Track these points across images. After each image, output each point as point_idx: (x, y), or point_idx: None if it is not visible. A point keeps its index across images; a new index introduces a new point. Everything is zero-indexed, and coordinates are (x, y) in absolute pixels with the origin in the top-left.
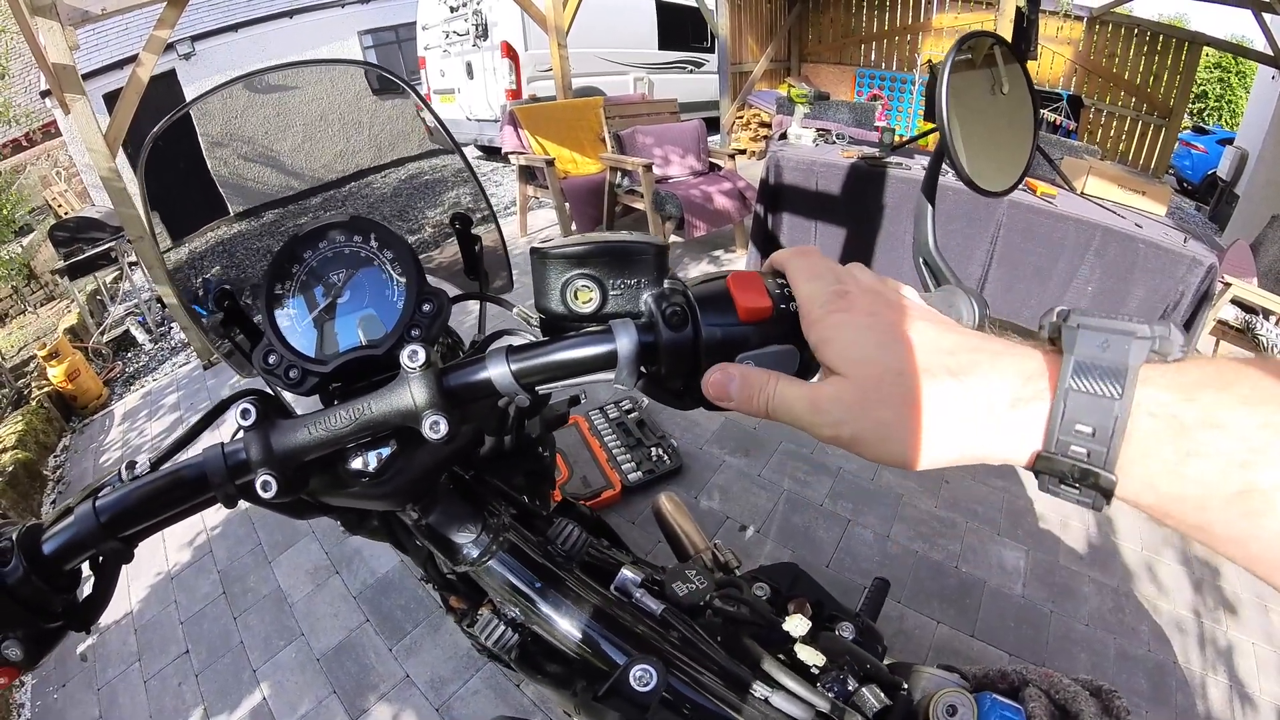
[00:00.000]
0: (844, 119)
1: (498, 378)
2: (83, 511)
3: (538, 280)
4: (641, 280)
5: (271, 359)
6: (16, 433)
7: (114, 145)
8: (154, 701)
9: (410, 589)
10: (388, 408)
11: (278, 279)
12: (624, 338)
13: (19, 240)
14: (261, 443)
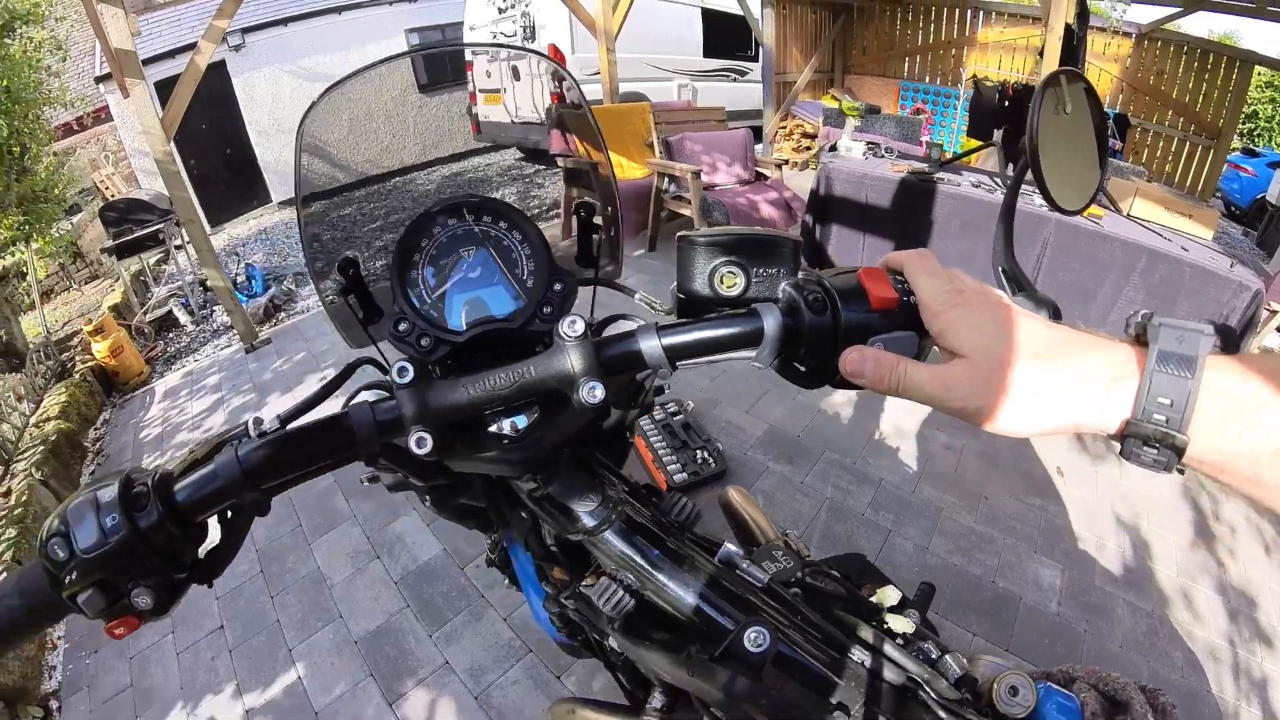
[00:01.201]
0: (890, 133)
1: (649, 351)
2: (225, 460)
3: (685, 264)
4: (780, 270)
5: (403, 326)
6: (60, 404)
7: (169, 129)
8: (185, 673)
9: (452, 578)
10: (547, 372)
11: (409, 250)
12: (769, 319)
13: (68, 219)
14: (418, 400)
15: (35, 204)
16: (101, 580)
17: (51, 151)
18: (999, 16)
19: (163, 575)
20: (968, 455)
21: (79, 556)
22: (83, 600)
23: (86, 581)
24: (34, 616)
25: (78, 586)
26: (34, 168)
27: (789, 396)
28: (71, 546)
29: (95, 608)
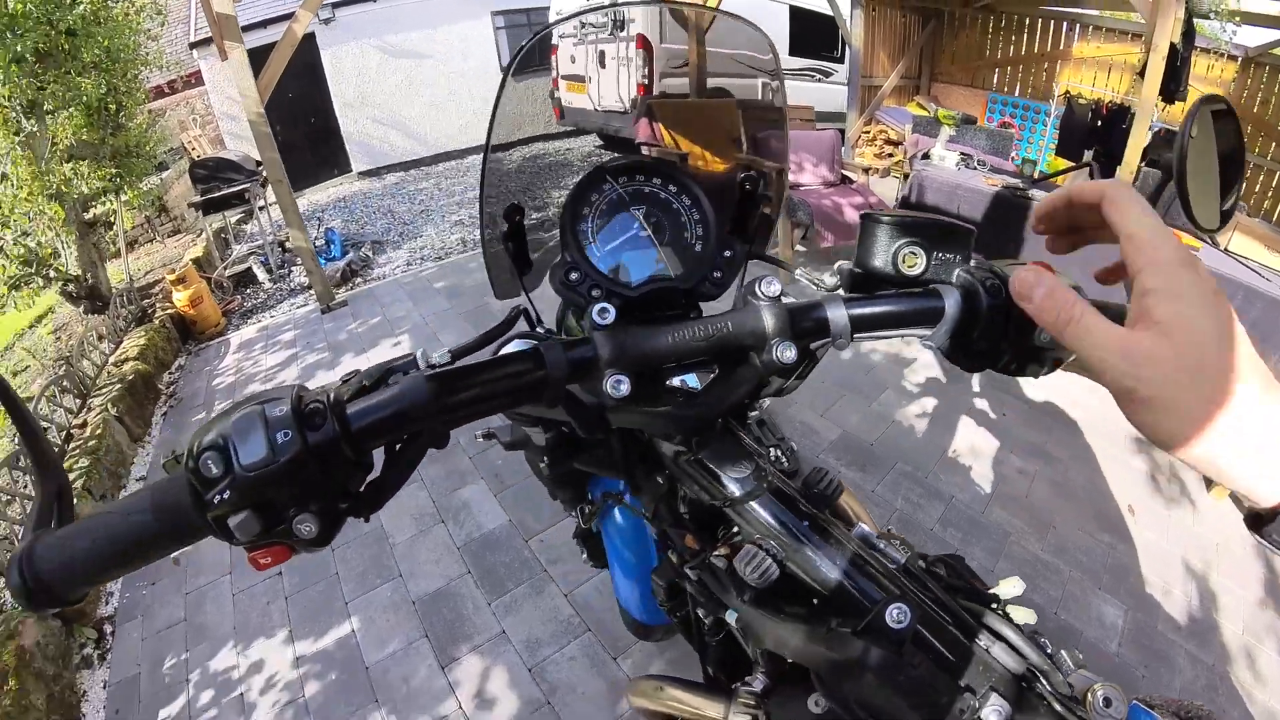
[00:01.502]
0: (981, 145)
1: (835, 320)
2: (413, 385)
3: (868, 242)
4: (956, 256)
5: (574, 276)
6: (138, 346)
7: (264, 93)
8: (239, 614)
9: (516, 549)
10: (742, 329)
11: (580, 203)
12: (950, 300)
13: (157, 175)
14: (616, 343)
15: (127, 158)
16: (260, 503)
17: (147, 109)
18: (1096, 31)
19: (328, 503)
20: (1040, 481)
21: (240, 473)
22: (235, 523)
23: (243, 502)
24: (164, 538)
25: (230, 508)
26: (128, 124)
27: (864, 403)
28: (230, 462)
29: (249, 532)
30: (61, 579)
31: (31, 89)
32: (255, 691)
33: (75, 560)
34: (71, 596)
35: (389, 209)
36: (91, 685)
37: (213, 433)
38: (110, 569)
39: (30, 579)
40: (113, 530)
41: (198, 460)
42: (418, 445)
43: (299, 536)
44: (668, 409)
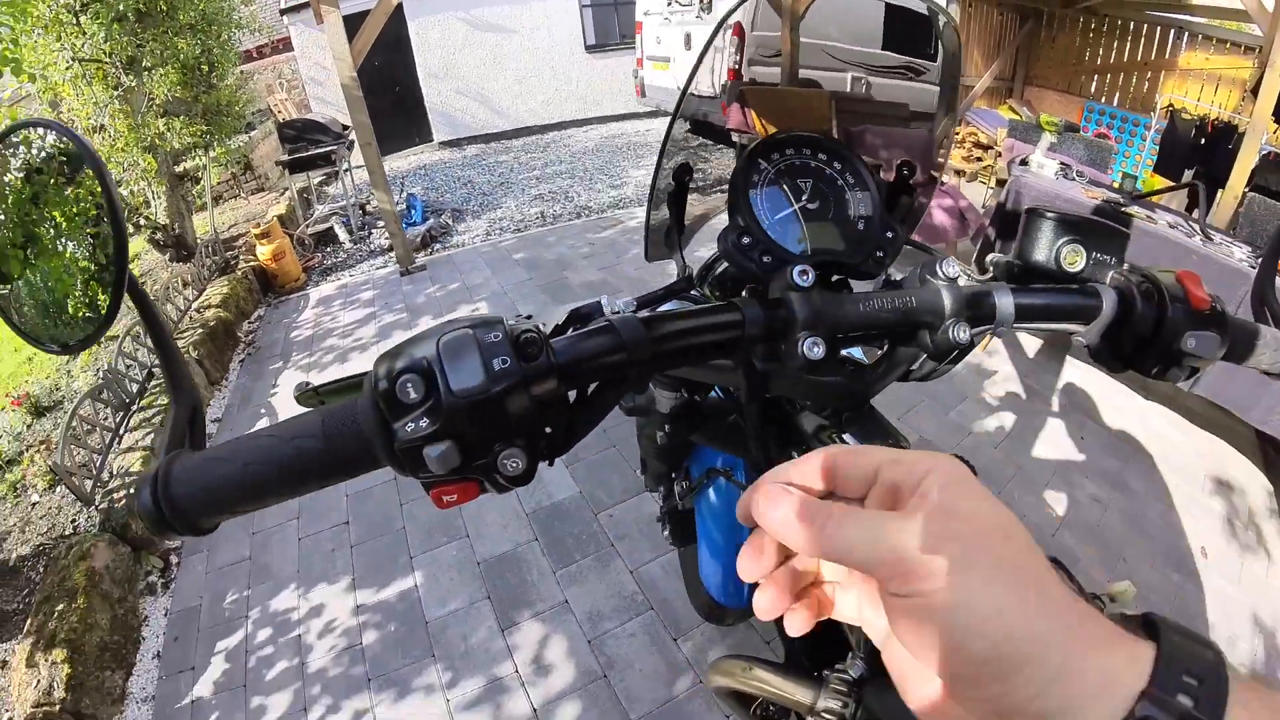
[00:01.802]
0: (1079, 155)
1: (1002, 307)
2: (628, 324)
3: (1032, 236)
4: (1112, 258)
5: (746, 240)
6: (221, 295)
7: (358, 57)
8: (304, 559)
9: (585, 521)
10: (924, 306)
11: (751, 170)
12: (1108, 299)
13: (245, 134)
14: (814, 307)
15: (217, 116)
16: (463, 433)
17: (238, 71)
18: (1205, 41)
19: (535, 439)
20: (1113, 512)
21: (448, 399)
22: (435, 454)
23: (446, 431)
24: (330, 466)
25: (427, 437)
26: (219, 84)
27: (942, 412)
28: (436, 387)
29: (448, 465)
30: (200, 504)
31: (131, 46)
32: (313, 634)
33: (220, 484)
34: (206, 524)
35: (469, 179)
36: (153, 612)
37: (412, 355)
38: (258, 497)
39: (165, 501)
40: (272, 454)
41: (393, 383)
42: (616, 389)
43: (503, 473)
44: (839, 379)
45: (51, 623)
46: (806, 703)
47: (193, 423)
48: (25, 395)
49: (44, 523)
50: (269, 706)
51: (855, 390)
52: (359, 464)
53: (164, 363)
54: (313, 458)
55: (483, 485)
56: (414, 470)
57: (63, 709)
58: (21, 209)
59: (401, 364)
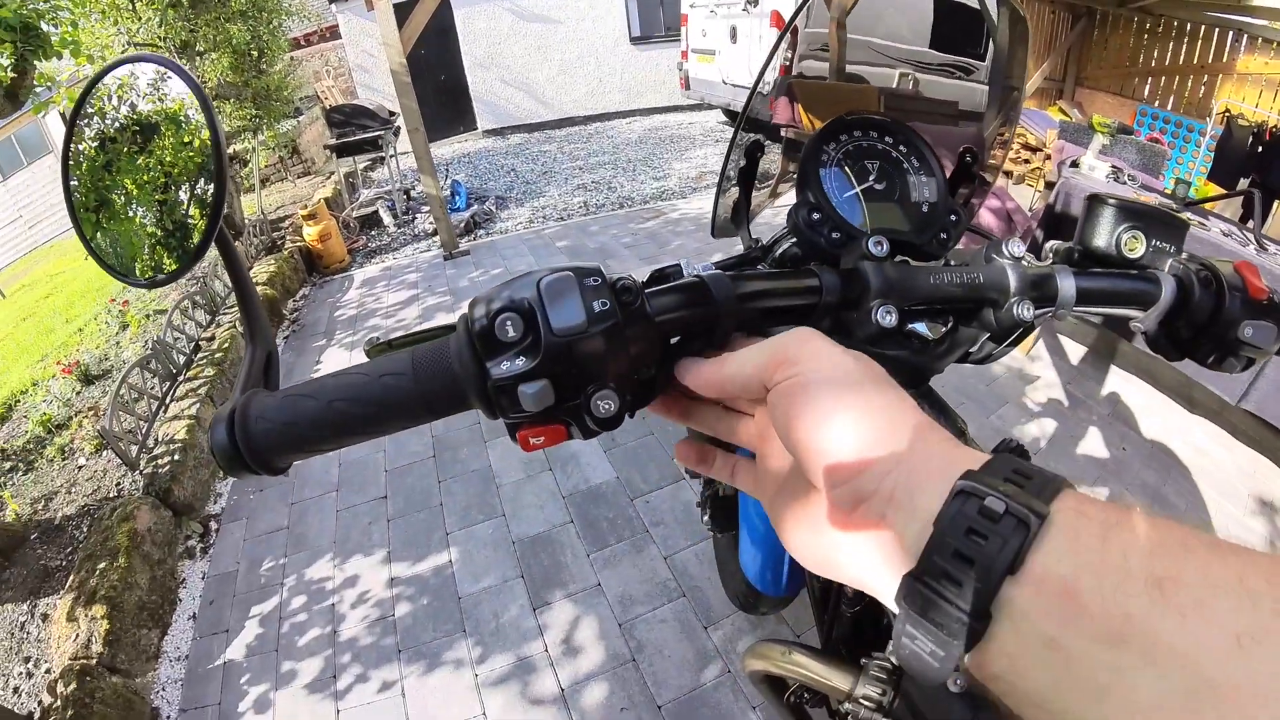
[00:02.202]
0: (1131, 160)
1: (1064, 289)
2: (715, 278)
3: (1092, 222)
4: (1171, 246)
5: (816, 216)
6: (267, 272)
7: (407, 44)
8: (341, 530)
9: (620, 506)
10: (990, 282)
11: (821, 148)
12: (1167, 286)
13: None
14: (887, 276)
15: (266, 101)
16: (560, 373)
17: (287, 57)
18: (1265, 44)
19: (623, 383)
20: None
21: (548, 337)
22: (531, 392)
23: (544, 370)
24: (417, 404)
25: (524, 375)
26: (269, 70)
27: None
28: (535, 326)
29: (542, 403)
30: (277, 441)
31: (185, 31)
32: (347, 604)
33: (303, 421)
34: (281, 462)
35: (512, 167)
36: (191, 575)
37: (512, 294)
38: (341, 435)
39: (241, 440)
40: (360, 391)
41: (492, 321)
42: (699, 343)
43: (595, 414)
44: (903, 353)
45: (93, 580)
46: (845, 689)
47: (268, 366)
48: (76, 363)
49: (89, 485)
50: (299, 671)
51: (920, 364)
52: (448, 403)
53: (242, 307)
54: (401, 396)
55: (569, 430)
56: (505, 410)
57: (99, 663)
58: (96, 175)
59: (500, 304)
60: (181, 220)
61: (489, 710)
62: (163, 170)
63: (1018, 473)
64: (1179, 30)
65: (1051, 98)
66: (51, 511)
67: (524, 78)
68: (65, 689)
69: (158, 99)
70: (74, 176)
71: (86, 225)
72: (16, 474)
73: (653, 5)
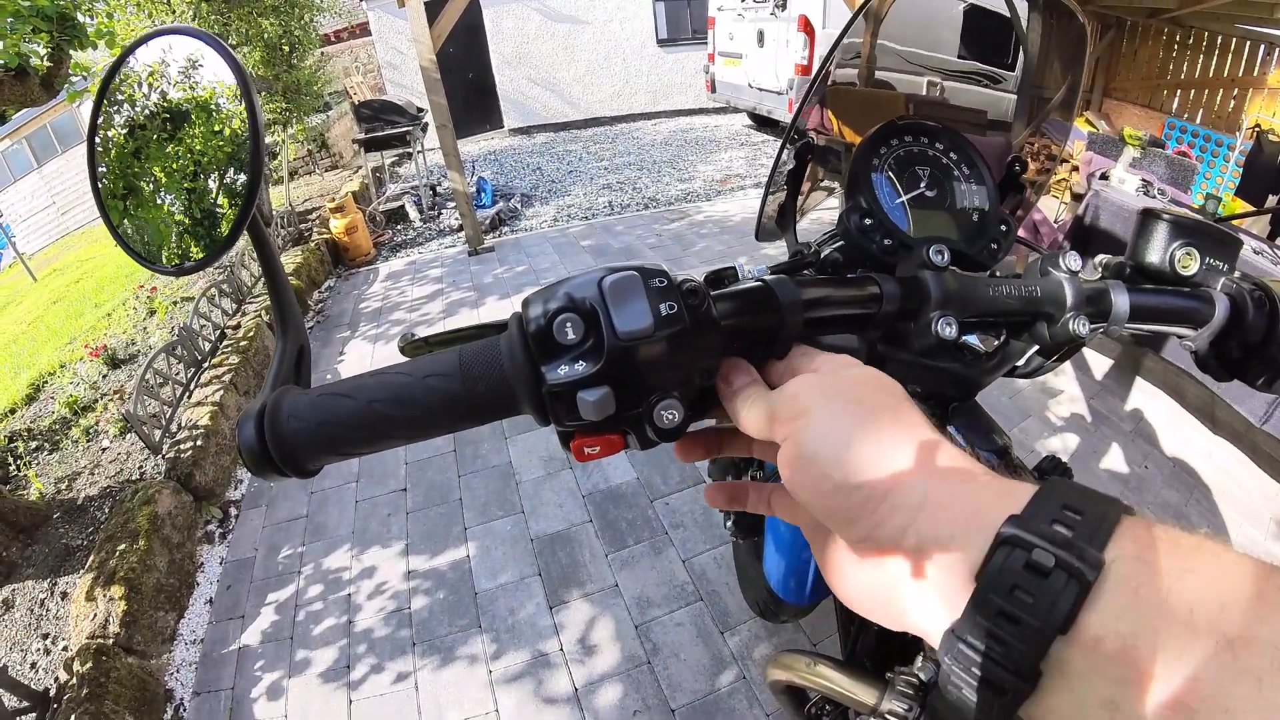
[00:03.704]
0: (1160, 173)
1: (1118, 304)
2: (780, 282)
3: (1146, 237)
4: (1225, 264)
5: (868, 221)
6: (294, 264)
7: (437, 41)
8: (360, 521)
9: (640, 507)
10: (1047, 296)
11: (873, 153)
12: (1221, 305)
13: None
14: (948, 286)
15: (296, 95)
16: (623, 379)
17: (318, 53)
18: None
19: (688, 391)
20: None
21: (611, 340)
22: (592, 399)
23: (605, 375)
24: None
25: (584, 380)
26: (300, 65)
27: (1006, 426)
28: (598, 328)
29: (602, 412)
30: (310, 442)
31: (218, 24)
32: (363, 595)
33: (339, 422)
34: (313, 464)
35: (538, 166)
36: (209, 560)
37: (571, 293)
38: (379, 438)
39: (271, 438)
40: (403, 391)
41: (550, 322)
42: (759, 351)
43: (657, 424)
44: (954, 365)
45: (112, 561)
46: (870, 703)
47: (299, 361)
48: (103, 347)
49: (113, 467)
50: (313, 660)
51: (969, 377)
52: (496, 408)
53: (274, 299)
54: (447, 398)
55: (626, 440)
56: (559, 417)
57: (116, 643)
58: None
59: (559, 303)
60: (210, 209)
61: (502, 707)
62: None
63: (1069, 509)
64: (1209, 43)
65: (1079, 109)
66: (75, 492)
67: (551, 77)
68: (81, 668)
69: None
70: (101, 163)
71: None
72: (42, 454)
73: (680, 8)
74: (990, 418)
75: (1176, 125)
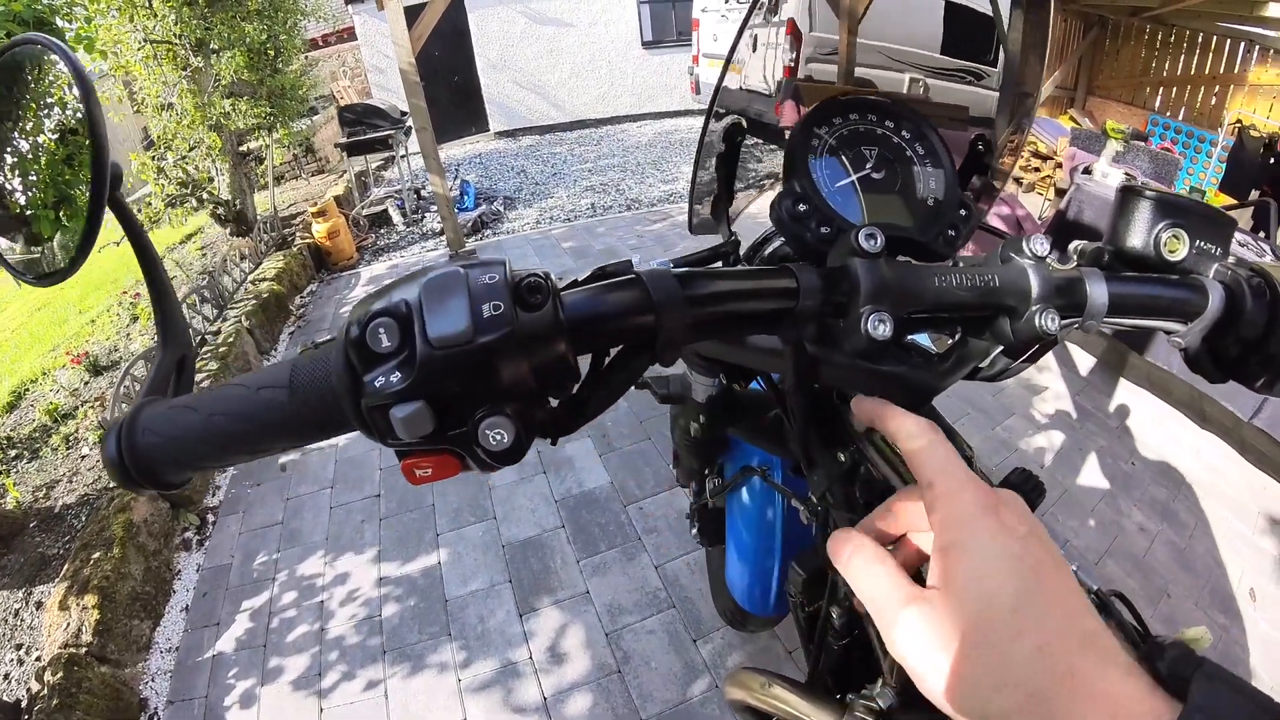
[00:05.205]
0: (1144, 168)
1: (1094, 296)
2: (658, 277)
3: (1127, 218)
4: (1216, 249)
5: (803, 207)
6: (276, 268)
7: (416, 43)
8: (334, 527)
9: (613, 512)
10: (1007, 286)
11: (810, 132)
12: (1214, 295)
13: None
14: (881, 277)
15: (281, 99)
16: (440, 393)
17: (303, 57)
18: (1277, 55)
19: (529, 405)
20: (1160, 543)
21: (424, 349)
22: (402, 416)
23: (420, 389)
24: (297, 424)
25: (398, 395)
26: (285, 69)
27: (989, 425)
28: (411, 334)
29: (417, 431)
30: (164, 457)
31: (200, 29)
32: (336, 601)
33: (184, 436)
34: (172, 479)
35: (522, 169)
36: (186, 566)
37: (392, 296)
38: (223, 453)
39: (128, 453)
40: (237, 405)
41: (365, 328)
42: (641, 358)
43: (484, 445)
44: (901, 369)
45: (86, 569)
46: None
47: (180, 371)
48: (85, 354)
49: (91, 474)
50: (286, 668)
51: (920, 383)
52: (327, 424)
53: (155, 302)
54: (278, 413)
55: (464, 461)
56: (381, 435)
57: (88, 652)
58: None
59: (378, 305)
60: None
61: (470, 716)
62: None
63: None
64: (1191, 41)
65: (1063, 106)
66: (52, 500)
67: (536, 80)
68: (53, 678)
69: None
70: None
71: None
72: (21, 461)
73: (664, 10)
74: (950, 426)
75: (1160, 122)
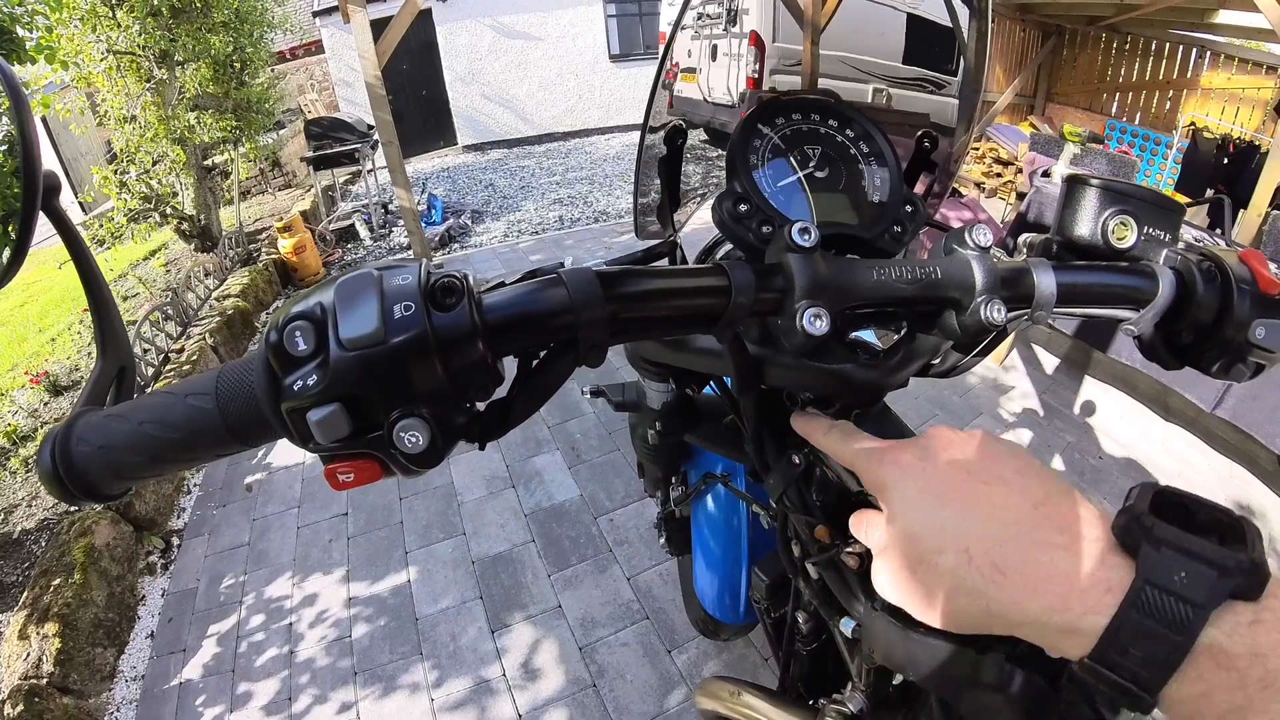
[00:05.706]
0: (1101, 169)
1: (1042, 286)
2: (578, 276)
3: (1074, 207)
4: (1165, 234)
5: (744, 208)
6: (241, 285)
7: (382, 56)
8: (302, 548)
9: (584, 524)
10: (950, 278)
11: (752, 132)
12: (1165, 281)
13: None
14: (815, 272)
15: (247, 113)
16: (354, 395)
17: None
18: (1228, 61)
19: (444, 410)
20: None
21: (335, 351)
22: (317, 419)
23: (333, 391)
24: (223, 432)
25: (313, 398)
26: (251, 82)
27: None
28: (326, 336)
29: (332, 433)
30: (99, 468)
31: (164, 40)
32: (304, 623)
33: (117, 446)
34: (108, 490)
35: (490, 182)
36: (151, 591)
37: (309, 300)
38: (155, 463)
39: (62, 464)
40: (166, 414)
41: (282, 332)
42: (566, 359)
43: (400, 449)
44: (847, 367)
45: (46, 597)
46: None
47: (119, 382)
48: (45, 374)
49: (52, 499)
50: (255, 693)
51: (866, 381)
52: (254, 431)
53: (94, 312)
54: (205, 420)
55: (384, 465)
56: (302, 439)
57: (50, 683)
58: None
59: (296, 308)
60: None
61: None
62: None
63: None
64: (1145, 48)
65: (1023, 113)
66: (11, 525)
67: (504, 94)
68: (13, 710)
69: None
70: None
71: None
72: None
73: (630, 24)
74: (902, 424)
75: (1117, 126)
